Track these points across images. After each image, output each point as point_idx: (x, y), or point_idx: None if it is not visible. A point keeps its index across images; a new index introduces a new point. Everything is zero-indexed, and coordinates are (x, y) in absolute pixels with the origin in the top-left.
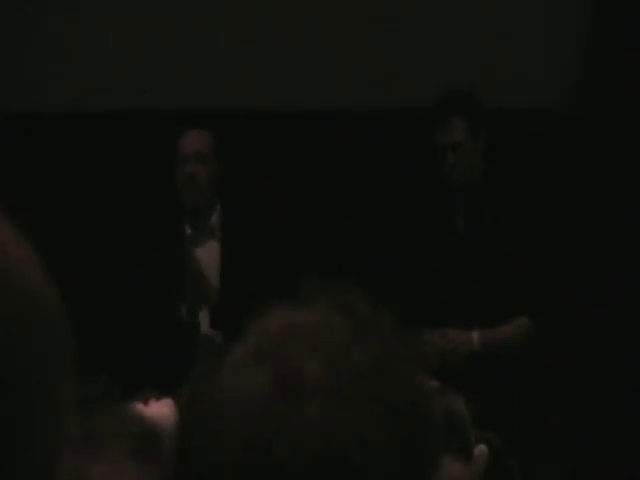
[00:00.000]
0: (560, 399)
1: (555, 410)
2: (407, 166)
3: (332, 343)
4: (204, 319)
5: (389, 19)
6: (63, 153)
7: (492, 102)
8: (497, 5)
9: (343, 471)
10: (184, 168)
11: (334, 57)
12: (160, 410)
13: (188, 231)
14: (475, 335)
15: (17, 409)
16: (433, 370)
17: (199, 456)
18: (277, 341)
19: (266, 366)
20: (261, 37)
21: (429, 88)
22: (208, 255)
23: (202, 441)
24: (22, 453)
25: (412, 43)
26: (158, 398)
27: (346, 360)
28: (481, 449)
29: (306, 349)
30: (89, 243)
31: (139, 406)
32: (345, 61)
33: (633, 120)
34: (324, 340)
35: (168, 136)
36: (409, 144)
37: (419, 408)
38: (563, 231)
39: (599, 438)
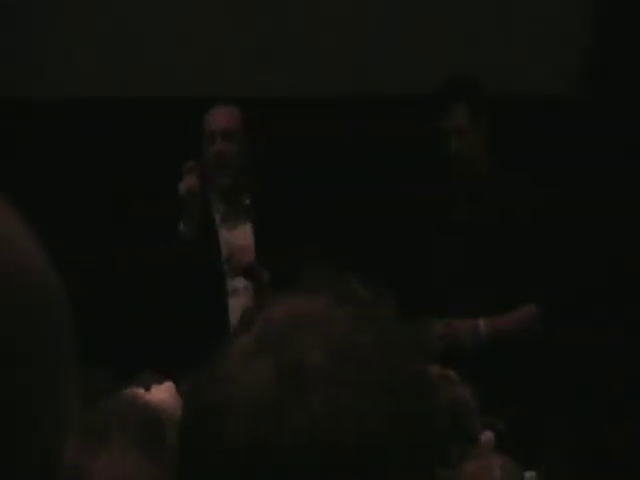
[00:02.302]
0: (566, 387)
1: (562, 398)
2: (410, 154)
3: (335, 333)
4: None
5: (393, 6)
6: (64, 140)
7: (497, 90)
8: None
9: (348, 462)
10: (212, 147)
11: (336, 44)
12: (161, 395)
13: (221, 210)
14: (482, 323)
15: (18, 393)
16: (440, 358)
17: (203, 449)
18: (280, 331)
19: (269, 357)
20: (261, 23)
21: (433, 77)
22: (244, 236)
23: (206, 434)
24: (22, 436)
25: (416, 32)
26: (159, 382)
27: (350, 350)
28: (487, 436)
29: (310, 339)
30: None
31: (140, 392)
32: (349, 50)
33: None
34: (327, 330)
35: (170, 123)
36: (413, 133)
37: (423, 397)
38: (568, 220)
39: (605, 426)
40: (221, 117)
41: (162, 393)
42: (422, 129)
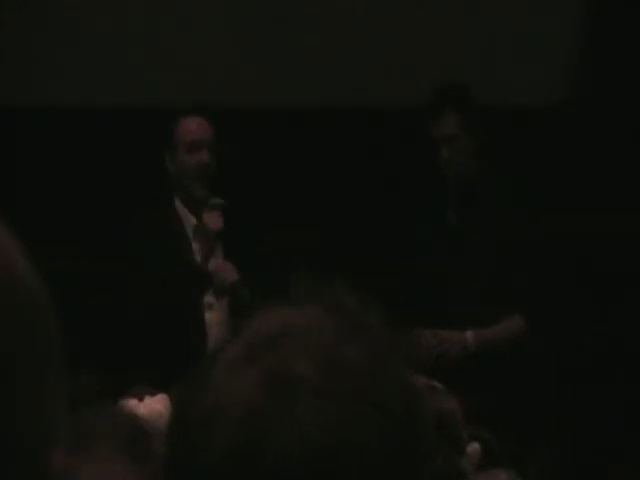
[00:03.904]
0: (555, 397)
1: (550, 408)
2: (401, 162)
3: (323, 344)
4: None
5: (386, 16)
6: (61, 149)
7: (488, 99)
8: (495, 3)
9: (335, 473)
10: (196, 157)
11: (332, 53)
12: (154, 407)
13: (193, 222)
14: (469, 335)
15: (1, 395)
16: (426, 368)
17: (189, 459)
18: (268, 342)
19: (257, 368)
20: (259, 34)
21: (426, 85)
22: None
23: (193, 443)
24: (4, 436)
25: (410, 40)
26: (152, 394)
27: (337, 361)
28: (474, 447)
29: (297, 350)
30: (92, 237)
31: (133, 402)
32: (343, 59)
33: (631, 117)
34: (315, 341)
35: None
36: (404, 140)
37: (410, 408)
38: (558, 227)
39: (593, 436)
40: (204, 128)
41: (156, 404)
42: (416, 138)
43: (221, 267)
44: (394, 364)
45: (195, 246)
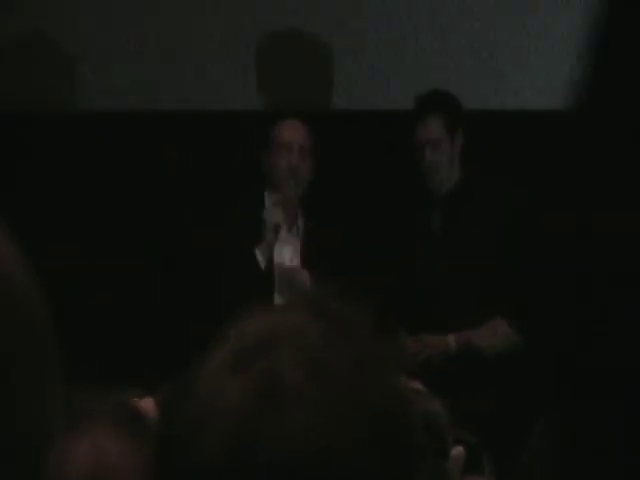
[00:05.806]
0: (542, 399)
1: (537, 410)
2: (385, 168)
3: (311, 348)
4: None
5: (387, 20)
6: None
7: (488, 103)
8: (495, 3)
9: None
10: (285, 157)
11: (332, 54)
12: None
13: (276, 221)
14: (451, 339)
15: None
16: (409, 372)
17: (178, 464)
18: (255, 348)
19: (245, 374)
20: (259, 34)
21: (425, 87)
22: (291, 256)
23: (181, 450)
24: (4, 436)
25: (408, 44)
26: (140, 397)
27: (325, 366)
28: (459, 450)
29: (285, 355)
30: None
31: None
32: (343, 63)
33: (632, 119)
34: (303, 346)
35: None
36: (389, 146)
37: (399, 412)
38: (558, 227)
39: (593, 436)
40: (299, 130)
41: (145, 405)
42: (400, 141)
43: (286, 271)
44: (382, 369)
45: (275, 249)
